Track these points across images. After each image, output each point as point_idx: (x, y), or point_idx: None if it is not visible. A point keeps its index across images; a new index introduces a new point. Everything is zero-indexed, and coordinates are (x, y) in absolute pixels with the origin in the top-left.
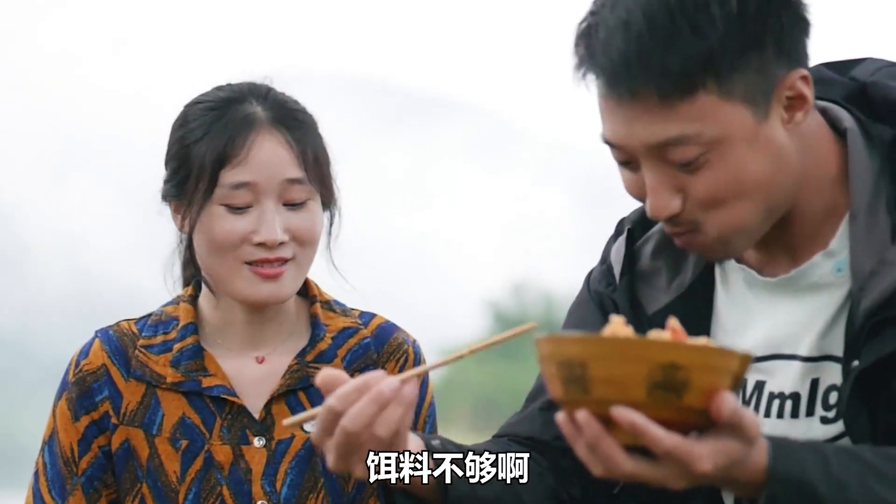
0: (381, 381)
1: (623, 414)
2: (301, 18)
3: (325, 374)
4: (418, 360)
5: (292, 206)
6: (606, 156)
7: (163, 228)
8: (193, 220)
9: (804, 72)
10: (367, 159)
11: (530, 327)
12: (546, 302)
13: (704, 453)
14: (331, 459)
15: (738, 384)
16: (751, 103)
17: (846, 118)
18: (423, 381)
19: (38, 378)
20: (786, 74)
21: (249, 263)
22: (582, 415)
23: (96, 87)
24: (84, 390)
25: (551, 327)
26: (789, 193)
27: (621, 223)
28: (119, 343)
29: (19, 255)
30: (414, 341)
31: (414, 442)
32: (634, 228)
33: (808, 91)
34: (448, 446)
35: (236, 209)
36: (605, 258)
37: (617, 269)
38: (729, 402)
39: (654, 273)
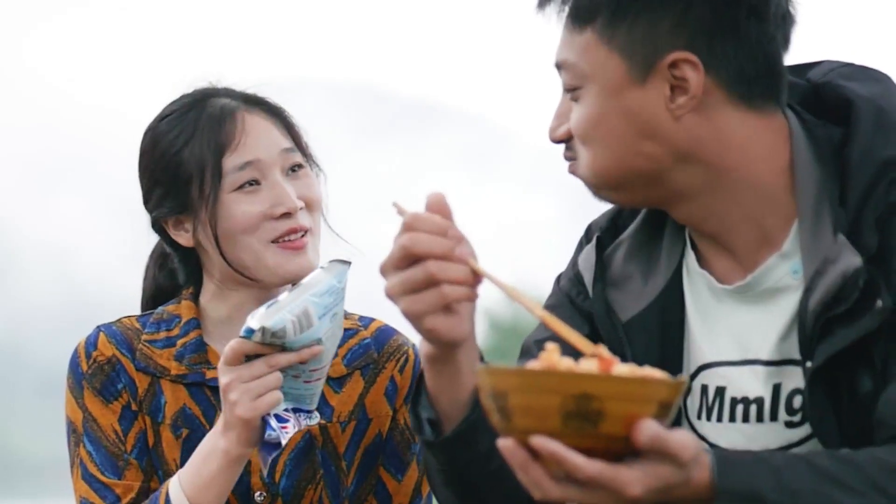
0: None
1: (541, 443)
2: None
3: (435, 195)
4: (418, 363)
5: (293, 174)
6: None
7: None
8: (212, 215)
9: (693, 58)
10: (358, 165)
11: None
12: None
13: (632, 479)
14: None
15: (666, 411)
16: (628, 59)
17: (792, 120)
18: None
19: (28, 386)
20: (672, 51)
21: (275, 242)
22: (508, 443)
23: (83, 101)
24: (106, 378)
25: None
26: (667, 171)
27: (590, 229)
28: (124, 336)
29: (8, 265)
30: (413, 344)
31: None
32: (604, 236)
33: (694, 79)
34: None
35: (248, 190)
36: (575, 263)
37: (587, 277)
38: (647, 430)
39: (626, 279)
